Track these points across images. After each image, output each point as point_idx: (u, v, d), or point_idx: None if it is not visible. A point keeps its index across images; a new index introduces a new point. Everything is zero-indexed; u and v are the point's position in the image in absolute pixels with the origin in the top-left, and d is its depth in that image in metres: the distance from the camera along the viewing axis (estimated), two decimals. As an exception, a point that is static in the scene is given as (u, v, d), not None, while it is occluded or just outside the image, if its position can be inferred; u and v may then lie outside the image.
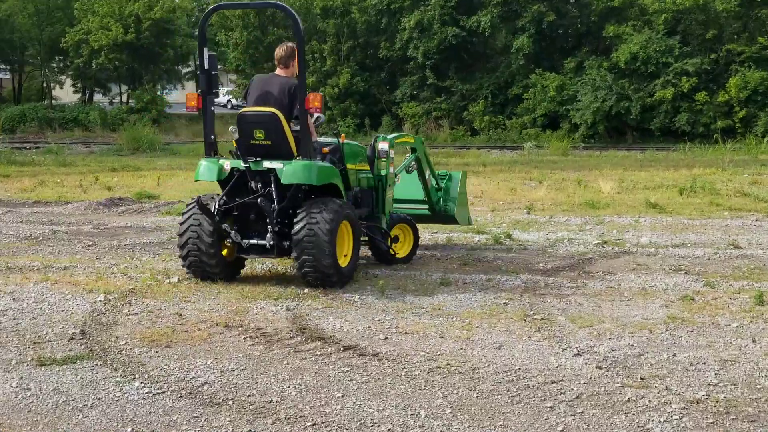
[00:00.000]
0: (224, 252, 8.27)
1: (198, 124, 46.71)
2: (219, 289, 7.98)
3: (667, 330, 6.56)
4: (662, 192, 16.63)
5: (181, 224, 8.20)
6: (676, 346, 6.14)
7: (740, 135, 35.23)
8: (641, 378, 5.44)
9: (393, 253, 9.37)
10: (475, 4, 42.53)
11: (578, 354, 5.96)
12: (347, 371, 5.60)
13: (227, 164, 8.14)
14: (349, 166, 8.81)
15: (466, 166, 22.17)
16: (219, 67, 58.28)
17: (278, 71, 8.34)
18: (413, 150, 10.01)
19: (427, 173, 10.17)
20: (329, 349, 6.07)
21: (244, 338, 6.34)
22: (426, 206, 10.36)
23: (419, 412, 4.89)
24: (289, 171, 7.85)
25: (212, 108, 8.32)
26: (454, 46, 42.11)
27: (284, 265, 9.12)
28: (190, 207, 8.18)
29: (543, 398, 5.11)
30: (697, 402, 5.02)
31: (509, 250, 10.40)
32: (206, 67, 8.24)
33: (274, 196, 7.99)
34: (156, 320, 6.86)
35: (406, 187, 10.26)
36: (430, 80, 42.86)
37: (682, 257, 9.78)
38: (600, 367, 5.66)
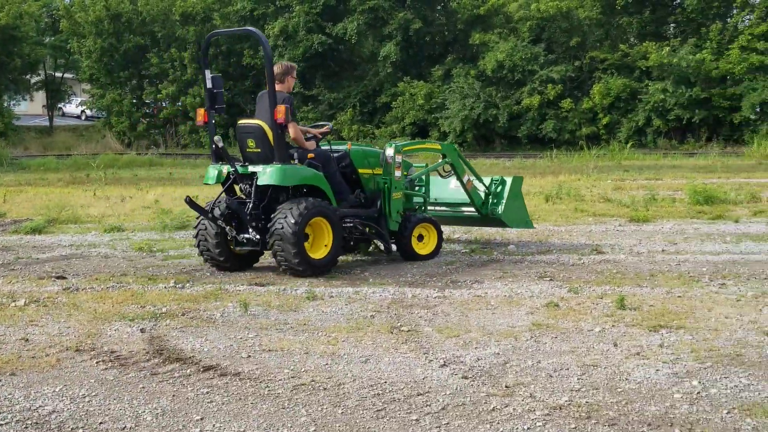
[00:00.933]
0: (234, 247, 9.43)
1: (48, 137, 45.07)
2: (69, 311, 7.59)
3: (532, 337, 6.59)
4: (529, 199, 16.78)
5: (195, 227, 9.54)
6: (541, 353, 6.16)
7: (604, 141, 36.45)
8: (506, 386, 5.42)
9: (392, 250, 10.12)
10: (340, 11, 42.42)
11: (444, 365, 5.90)
12: (207, 393, 5.36)
13: (225, 169, 9.34)
14: (362, 170, 10.00)
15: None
16: (71, 76, 55.92)
17: (276, 86, 9.25)
18: (443, 156, 10.72)
19: (466, 178, 10.63)
20: (188, 371, 5.81)
21: (97, 362, 6.01)
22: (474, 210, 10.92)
23: (282, 432, 4.70)
24: (264, 174, 8.97)
25: (213, 121, 9.47)
26: (320, 54, 41.95)
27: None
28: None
29: (409, 411, 5.02)
30: (560, 408, 5.03)
31: (377, 261, 10.34)
32: (209, 86, 9.31)
33: (252, 197, 9.11)
34: (0, 347, 6.43)
35: (457, 192, 10.86)
36: (296, 89, 42.52)
37: (548, 264, 9.92)
38: (466, 377, 5.62)
